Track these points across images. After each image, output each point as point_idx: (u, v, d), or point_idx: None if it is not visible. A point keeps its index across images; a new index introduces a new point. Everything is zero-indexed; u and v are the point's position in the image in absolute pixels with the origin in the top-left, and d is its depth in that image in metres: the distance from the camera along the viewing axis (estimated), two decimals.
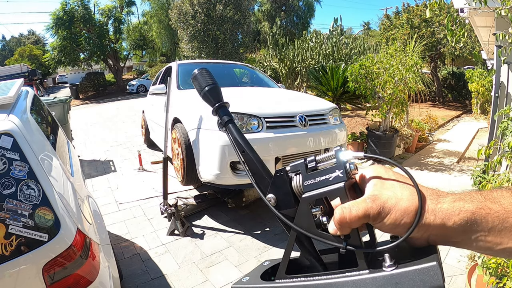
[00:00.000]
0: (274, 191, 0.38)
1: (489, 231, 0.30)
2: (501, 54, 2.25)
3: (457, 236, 0.31)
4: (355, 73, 4.72)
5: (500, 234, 0.30)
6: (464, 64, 18.27)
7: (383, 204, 0.32)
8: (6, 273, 1.00)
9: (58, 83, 31.22)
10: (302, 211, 0.35)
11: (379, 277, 0.29)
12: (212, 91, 0.44)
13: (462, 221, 0.31)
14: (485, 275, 1.59)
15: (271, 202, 0.38)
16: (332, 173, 0.34)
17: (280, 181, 0.38)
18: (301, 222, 0.35)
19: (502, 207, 0.30)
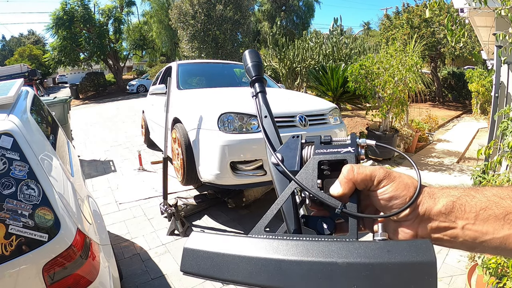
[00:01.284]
0: (283, 151, 0.40)
1: (475, 220, 0.31)
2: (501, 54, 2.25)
3: (445, 222, 0.32)
4: (355, 73, 4.72)
5: (485, 223, 0.31)
6: (464, 64, 18.26)
7: (389, 172, 0.35)
8: (6, 273, 1.00)
9: (58, 83, 31.22)
10: (308, 168, 0.36)
11: (370, 243, 0.28)
12: (254, 67, 0.49)
13: (449, 203, 0.32)
14: (485, 275, 1.59)
15: (278, 158, 0.39)
16: (344, 148, 0.36)
17: (292, 144, 0.40)
18: (303, 178, 0.36)
19: (485, 197, 0.32)
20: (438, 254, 2.37)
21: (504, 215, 0.30)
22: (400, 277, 0.25)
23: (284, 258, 0.28)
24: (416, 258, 0.26)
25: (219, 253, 0.31)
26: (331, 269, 0.27)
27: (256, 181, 2.57)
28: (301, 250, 0.29)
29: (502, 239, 0.30)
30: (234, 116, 2.54)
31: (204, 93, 3.35)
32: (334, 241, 0.29)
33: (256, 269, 0.29)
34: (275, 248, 0.30)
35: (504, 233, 0.30)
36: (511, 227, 0.30)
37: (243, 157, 2.48)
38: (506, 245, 0.30)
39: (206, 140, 2.56)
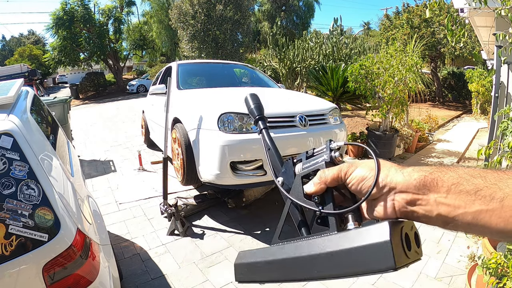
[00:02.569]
0: (283, 175, 0.49)
1: (447, 193, 0.33)
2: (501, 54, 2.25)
3: (418, 195, 0.34)
4: (355, 73, 4.72)
5: (457, 198, 0.32)
6: (464, 64, 18.26)
7: (353, 163, 0.41)
8: (6, 273, 1.00)
9: (58, 83, 31.22)
10: (295, 185, 0.45)
11: (341, 234, 0.34)
12: (256, 108, 0.59)
13: (421, 177, 0.35)
14: (485, 275, 1.59)
15: (279, 183, 0.48)
16: (321, 157, 0.44)
17: (288, 166, 0.49)
18: (294, 193, 0.44)
19: (457, 174, 0.34)
20: (438, 254, 2.38)
21: (475, 191, 0.32)
22: (360, 258, 0.31)
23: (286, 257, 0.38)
24: (373, 240, 0.31)
25: (253, 262, 0.42)
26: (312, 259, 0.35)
27: (256, 181, 2.57)
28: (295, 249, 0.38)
29: (474, 214, 0.31)
30: (234, 116, 2.54)
31: (204, 93, 3.35)
32: (316, 238, 0.37)
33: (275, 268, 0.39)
34: (282, 251, 0.39)
35: (476, 208, 0.31)
36: (482, 203, 0.31)
37: (243, 157, 2.48)
38: (478, 221, 0.31)
39: (206, 140, 2.56)
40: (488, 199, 0.31)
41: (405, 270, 2.18)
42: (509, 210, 0.30)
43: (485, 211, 0.31)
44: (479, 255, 1.89)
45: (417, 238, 0.35)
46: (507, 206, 0.30)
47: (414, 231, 0.35)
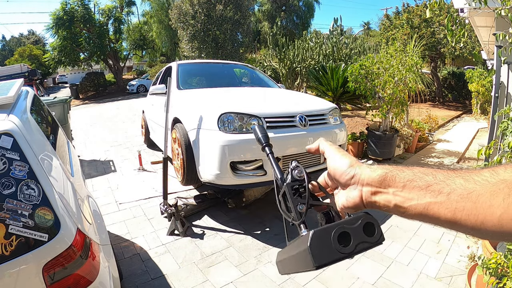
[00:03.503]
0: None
1: (402, 188, 0.39)
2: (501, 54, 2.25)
3: (380, 188, 0.41)
4: (355, 73, 4.72)
5: (411, 191, 0.38)
6: (464, 64, 18.25)
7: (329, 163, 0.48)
8: (6, 273, 1.00)
9: (58, 83, 31.21)
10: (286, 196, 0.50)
11: (293, 240, 0.42)
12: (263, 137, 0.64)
13: (383, 174, 0.41)
14: (485, 275, 1.59)
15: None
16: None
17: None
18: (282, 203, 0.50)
19: (412, 172, 0.40)
20: (438, 255, 2.38)
21: (426, 186, 0.38)
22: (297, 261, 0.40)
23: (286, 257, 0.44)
24: (302, 247, 0.38)
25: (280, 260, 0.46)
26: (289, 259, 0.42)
27: (256, 181, 2.57)
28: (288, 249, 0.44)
29: (425, 205, 0.37)
30: (234, 116, 2.54)
31: (204, 93, 3.35)
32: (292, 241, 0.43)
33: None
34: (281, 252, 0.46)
35: (426, 200, 0.37)
36: (431, 197, 0.37)
37: (243, 157, 2.48)
38: (428, 211, 0.37)
39: (206, 140, 2.56)
40: (437, 193, 0.37)
41: (405, 270, 2.19)
42: (455, 202, 0.35)
43: (434, 203, 0.36)
44: (479, 255, 1.89)
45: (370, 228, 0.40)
46: (453, 199, 0.35)
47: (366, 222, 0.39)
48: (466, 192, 0.35)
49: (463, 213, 0.34)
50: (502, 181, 0.33)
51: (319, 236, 0.37)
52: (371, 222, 0.39)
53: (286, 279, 2.13)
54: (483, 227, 0.33)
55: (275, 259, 0.47)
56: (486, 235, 0.34)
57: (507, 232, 0.32)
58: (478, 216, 0.33)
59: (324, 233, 0.37)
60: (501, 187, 0.33)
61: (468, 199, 0.34)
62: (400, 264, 2.26)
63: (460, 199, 0.35)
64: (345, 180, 0.44)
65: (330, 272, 2.20)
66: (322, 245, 0.37)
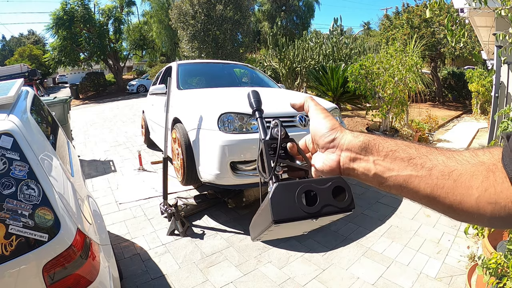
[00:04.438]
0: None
1: (384, 157, 0.38)
2: (501, 54, 2.25)
3: (360, 155, 0.39)
4: (355, 73, 4.72)
5: (393, 162, 0.37)
6: (464, 64, 18.24)
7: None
8: (6, 273, 1.00)
9: (58, 83, 31.21)
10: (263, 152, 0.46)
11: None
12: (256, 101, 0.59)
13: (365, 140, 0.40)
14: (485, 275, 1.59)
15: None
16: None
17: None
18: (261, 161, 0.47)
19: (396, 143, 0.39)
20: (438, 255, 2.38)
21: (408, 159, 0.37)
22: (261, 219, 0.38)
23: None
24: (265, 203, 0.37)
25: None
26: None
27: (256, 181, 2.57)
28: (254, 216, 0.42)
29: (405, 177, 0.36)
30: (234, 116, 2.54)
31: (204, 93, 3.35)
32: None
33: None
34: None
35: (407, 172, 0.36)
36: (413, 169, 0.36)
37: (243, 157, 2.48)
38: (408, 184, 0.36)
39: (206, 140, 2.56)
40: (419, 167, 0.36)
41: (405, 270, 2.19)
42: (436, 178, 0.34)
43: (415, 176, 0.36)
44: (479, 255, 1.89)
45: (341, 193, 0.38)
46: (434, 175, 0.35)
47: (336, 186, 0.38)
48: (448, 170, 0.34)
49: (443, 190, 0.34)
50: (481, 163, 0.33)
51: (282, 190, 0.36)
52: (342, 186, 0.37)
53: (286, 279, 2.13)
54: (459, 207, 0.33)
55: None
56: (461, 216, 0.34)
57: (482, 215, 0.32)
58: (457, 196, 0.33)
59: (289, 188, 0.36)
60: (480, 169, 0.33)
61: (449, 177, 0.34)
62: (400, 264, 2.26)
63: (441, 176, 0.34)
64: (324, 143, 0.42)
65: (330, 272, 2.20)
66: (284, 200, 0.35)
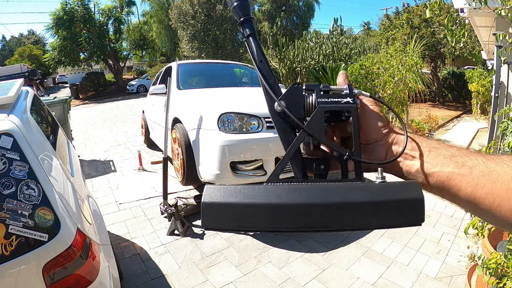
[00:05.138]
0: (286, 99, 0.40)
1: (428, 152, 0.39)
2: (501, 54, 2.25)
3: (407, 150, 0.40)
4: (355, 73, 4.72)
5: (436, 158, 0.38)
6: (464, 64, 18.24)
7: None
8: (6, 273, 1.00)
9: (58, 83, 31.21)
10: (316, 117, 0.38)
11: (376, 184, 0.34)
12: (240, 5, 0.47)
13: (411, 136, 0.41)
14: (485, 275, 1.59)
15: (282, 105, 0.39)
16: (344, 99, 0.39)
17: (295, 92, 0.41)
18: (311, 128, 0.37)
19: (437, 142, 0.40)
20: (438, 255, 2.38)
21: (450, 156, 0.38)
22: (399, 210, 0.32)
23: (311, 202, 0.31)
24: (409, 195, 0.32)
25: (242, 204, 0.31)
26: (350, 207, 0.31)
27: (256, 181, 2.57)
28: (325, 193, 0.32)
29: (448, 174, 0.37)
30: (234, 116, 2.54)
31: (204, 93, 3.35)
32: (349, 184, 0.34)
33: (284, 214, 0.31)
34: (301, 192, 0.32)
35: (449, 169, 0.37)
36: (455, 166, 0.37)
37: (243, 157, 2.48)
38: (450, 181, 0.36)
39: (206, 140, 2.56)
40: (460, 164, 0.36)
41: (405, 270, 2.19)
42: (476, 178, 0.35)
43: (457, 173, 0.36)
44: (479, 255, 1.89)
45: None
46: (475, 174, 0.35)
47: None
48: (488, 170, 0.34)
49: (483, 190, 0.34)
50: None
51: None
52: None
53: (286, 279, 2.13)
54: (498, 211, 0.33)
55: None
56: (499, 222, 0.34)
57: None
58: (496, 198, 0.33)
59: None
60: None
61: (489, 177, 0.34)
62: (400, 264, 2.26)
63: (482, 176, 0.34)
64: (378, 135, 0.42)
65: (330, 272, 2.20)
66: None
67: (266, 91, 0.42)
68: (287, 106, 0.39)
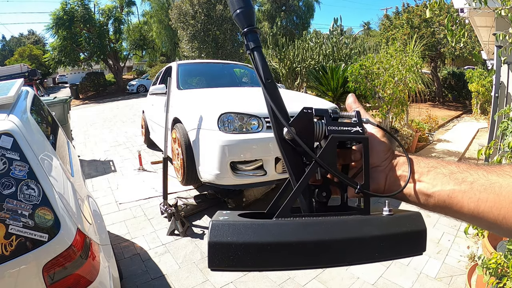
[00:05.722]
0: (296, 126, 0.38)
1: (427, 172, 0.39)
2: (501, 54, 2.25)
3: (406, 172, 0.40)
4: (355, 73, 4.72)
5: (435, 177, 0.38)
6: (464, 64, 18.24)
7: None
8: (6, 273, 1.00)
9: (58, 83, 31.19)
10: (329, 148, 0.37)
11: (385, 218, 0.35)
12: (244, 13, 0.41)
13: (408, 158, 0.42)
14: (485, 275, 1.59)
15: (293, 132, 0.37)
16: (353, 128, 0.39)
17: (305, 118, 0.39)
18: (325, 158, 0.36)
19: (435, 160, 0.40)
20: (438, 255, 2.38)
21: (449, 174, 0.38)
22: (405, 242, 0.34)
23: (322, 238, 0.31)
24: (414, 227, 0.34)
25: (255, 243, 0.30)
26: (360, 241, 0.32)
27: (256, 181, 2.57)
28: (337, 228, 0.32)
29: (449, 192, 0.37)
30: (234, 116, 2.53)
31: (204, 93, 3.35)
32: (357, 218, 0.35)
33: (295, 252, 0.30)
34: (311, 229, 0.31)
35: (450, 187, 0.37)
36: (455, 184, 0.36)
37: (243, 157, 2.48)
38: (451, 199, 0.36)
39: (206, 140, 2.56)
40: (460, 181, 0.36)
41: (405, 270, 2.19)
42: (478, 192, 0.34)
43: (458, 190, 0.36)
44: (479, 255, 1.89)
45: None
46: (476, 189, 0.35)
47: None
48: (489, 182, 0.34)
49: (486, 204, 0.33)
50: None
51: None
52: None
53: (286, 279, 2.13)
54: (504, 223, 0.32)
55: None
56: (507, 232, 0.33)
57: None
58: (501, 210, 0.33)
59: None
60: None
61: (491, 190, 0.33)
62: (400, 264, 2.26)
63: (483, 190, 0.34)
64: (379, 161, 0.41)
65: (330, 272, 2.20)
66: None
67: (274, 116, 0.38)
68: (297, 133, 0.37)
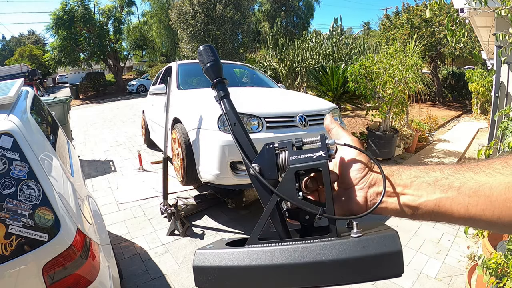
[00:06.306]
0: (260, 162, 0.41)
1: (410, 184, 0.37)
2: (501, 54, 2.25)
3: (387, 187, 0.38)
4: (355, 73, 4.72)
5: (419, 188, 0.36)
6: (464, 64, 18.24)
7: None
8: (6, 273, 1.00)
9: (58, 83, 31.19)
10: (286, 179, 0.39)
11: (350, 241, 0.34)
12: (213, 67, 0.47)
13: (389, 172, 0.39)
14: (485, 275, 1.59)
15: (255, 170, 0.40)
16: (316, 153, 0.39)
17: (267, 153, 0.41)
18: (283, 190, 0.38)
19: (418, 169, 0.38)
20: (438, 255, 2.38)
21: (434, 181, 0.35)
22: (374, 265, 0.32)
23: (283, 263, 0.33)
24: (386, 249, 0.32)
25: (224, 267, 0.35)
26: (322, 267, 0.33)
27: None
28: (296, 254, 0.34)
29: (435, 201, 0.35)
30: None
31: (204, 93, 3.35)
32: (321, 242, 0.34)
33: (261, 276, 0.34)
34: (274, 255, 0.34)
35: (436, 196, 0.35)
36: (441, 191, 0.34)
37: None
38: (440, 208, 0.34)
39: (206, 140, 2.56)
40: (447, 188, 0.34)
41: (405, 270, 2.18)
42: (467, 197, 0.33)
43: (445, 198, 0.34)
44: (479, 255, 1.89)
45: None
46: (464, 193, 0.33)
47: None
48: (478, 185, 0.32)
49: (477, 208, 0.32)
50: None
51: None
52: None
53: None
54: (499, 223, 0.31)
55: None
56: (504, 230, 0.33)
57: None
58: (494, 211, 0.31)
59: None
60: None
61: (481, 193, 0.32)
62: None
63: (473, 193, 0.32)
64: (355, 180, 0.39)
65: None
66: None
67: (242, 156, 0.43)
68: (260, 168, 0.40)
